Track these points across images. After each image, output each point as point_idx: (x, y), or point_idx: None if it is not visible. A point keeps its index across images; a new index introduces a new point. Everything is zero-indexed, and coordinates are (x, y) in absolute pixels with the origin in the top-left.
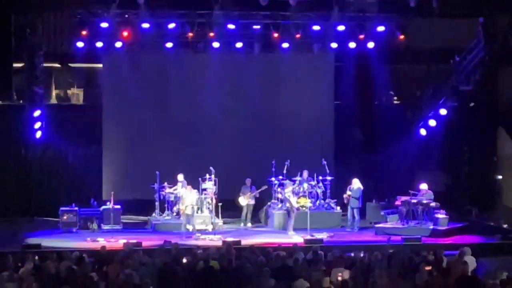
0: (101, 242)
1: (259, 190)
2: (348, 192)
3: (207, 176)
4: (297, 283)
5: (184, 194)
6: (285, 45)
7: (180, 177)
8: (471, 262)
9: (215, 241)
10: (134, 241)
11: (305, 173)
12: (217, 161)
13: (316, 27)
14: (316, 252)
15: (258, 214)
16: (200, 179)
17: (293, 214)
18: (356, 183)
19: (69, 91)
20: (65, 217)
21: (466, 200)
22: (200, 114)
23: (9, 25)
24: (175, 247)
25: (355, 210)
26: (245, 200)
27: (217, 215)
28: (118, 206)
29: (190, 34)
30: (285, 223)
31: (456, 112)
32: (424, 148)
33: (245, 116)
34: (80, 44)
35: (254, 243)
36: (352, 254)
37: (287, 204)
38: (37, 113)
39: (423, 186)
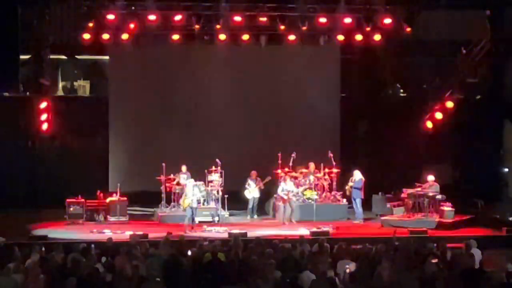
0: (108, 233)
1: (264, 182)
2: (350, 184)
3: (213, 168)
4: (303, 275)
5: (186, 187)
6: (292, 37)
7: (184, 168)
8: (476, 254)
9: (221, 233)
10: (141, 232)
11: (312, 165)
12: (223, 153)
13: (322, 20)
14: (322, 244)
15: (264, 206)
16: (206, 171)
17: (293, 204)
18: (357, 174)
19: (75, 83)
20: (71, 209)
21: (472, 192)
22: (206, 106)
23: (16, 17)
24: (180, 239)
25: (357, 201)
26: (250, 193)
27: (223, 207)
28: (125, 198)
29: (197, 26)
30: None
31: (463, 104)
32: (430, 140)
33: (251, 108)
34: (86, 36)
35: (260, 235)
36: (358, 247)
37: (282, 201)
38: (43, 104)
39: (430, 178)
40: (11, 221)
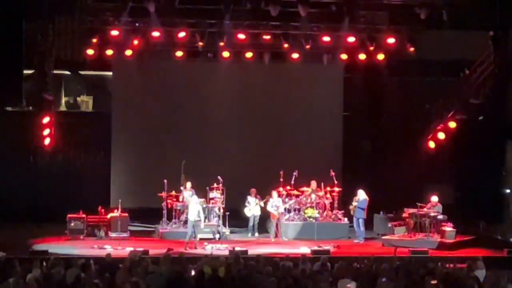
0: (108, 249)
1: (264, 201)
2: (354, 203)
3: (215, 185)
4: None
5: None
6: (295, 55)
7: (188, 185)
8: (481, 275)
9: (222, 250)
10: (141, 249)
11: (314, 184)
12: (225, 170)
13: (326, 38)
14: (324, 263)
15: (265, 224)
16: (207, 188)
17: (278, 222)
18: (361, 194)
19: (78, 99)
20: (72, 224)
21: (473, 213)
22: (208, 123)
23: (20, 31)
24: (181, 255)
25: (360, 221)
26: (250, 211)
27: (224, 224)
28: (126, 214)
29: (200, 43)
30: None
31: (465, 125)
32: (433, 160)
33: (254, 125)
34: (90, 52)
35: (261, 253)
36: (359, 265)
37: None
38: (46, 119)
39: (434, 199)
40: (12, 235)
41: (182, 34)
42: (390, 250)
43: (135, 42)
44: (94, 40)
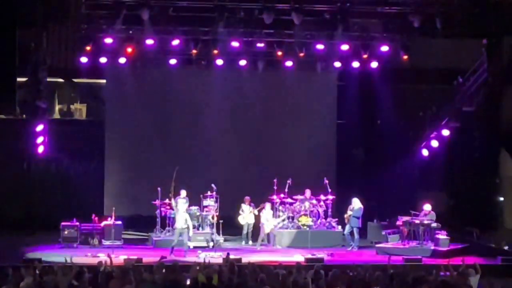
0: (102, 257)
1: (258, 209)
2: (349, 212)
3: (209, 193)
4: None
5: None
6: (289, 63)
7: (183, 192)
8: (475, 283)
9: (216, 258)
10: (135, 257)
11: (308, 192)
12: (219, 178)
13: (319, 46)
14: (318, 271)
15: (258, 231)
16: (201, 196)
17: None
18: (356, 203)
19: (72, 106)
20: (66, 232)
21: (467, 221)
22: (202, 131)
23: (13, 39)
24: (175, 263)
25: (355, 229)
26: (244, 219)
27: (218, 232)
28: (119, 222)
29: (194, 51)
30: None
31: (459, 133)
32: (426, 168)
33: (248, 133)
34: (84, 59)
35: (255, 261)
36: (352, 273)
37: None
38: (40, 127)
39: (427, 207)
40: (5, 243)
41: (175, 42)
42: (383, 258)
43: (129, 49)
44: (88, 48)
